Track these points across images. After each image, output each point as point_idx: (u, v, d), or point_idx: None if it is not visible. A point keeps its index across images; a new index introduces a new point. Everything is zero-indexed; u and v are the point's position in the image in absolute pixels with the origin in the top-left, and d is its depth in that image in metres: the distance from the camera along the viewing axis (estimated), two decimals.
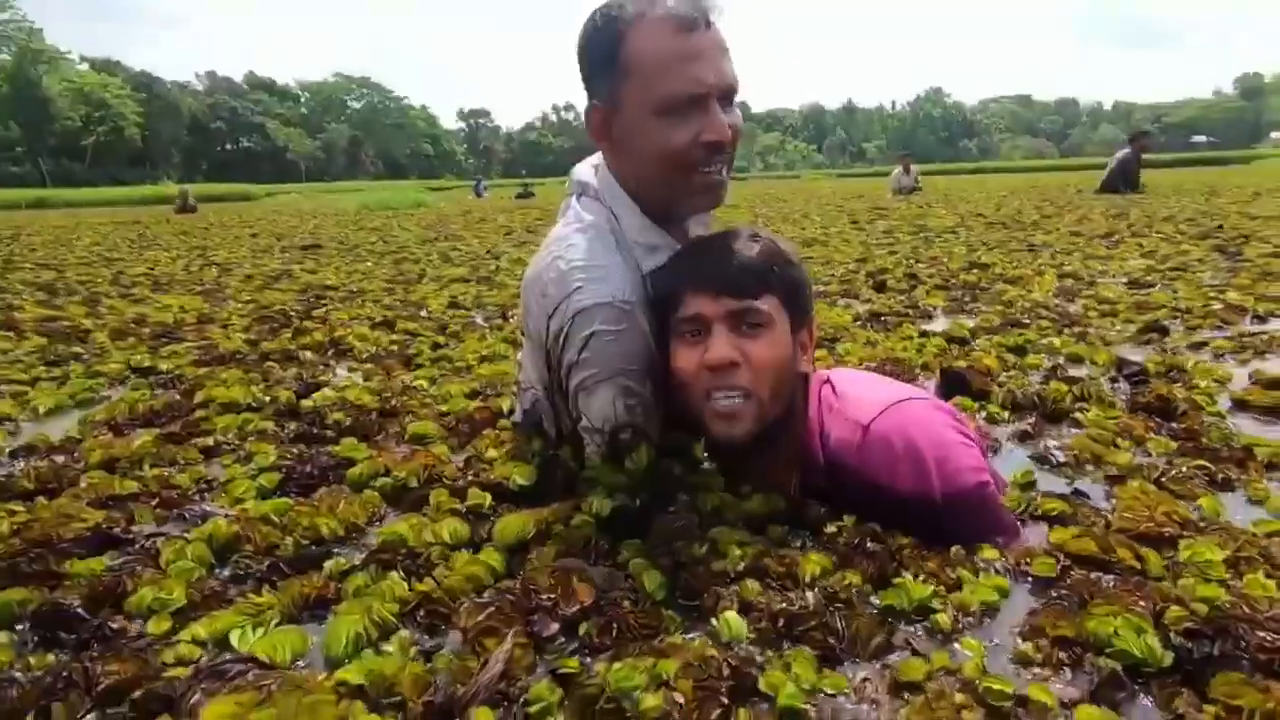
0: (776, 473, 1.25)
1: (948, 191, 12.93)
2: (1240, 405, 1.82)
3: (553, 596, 0.87)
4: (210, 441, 1.65)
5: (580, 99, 1.33)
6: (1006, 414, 1.79)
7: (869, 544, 1.05)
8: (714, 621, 0.89)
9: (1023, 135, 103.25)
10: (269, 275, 4.94)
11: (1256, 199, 8.72)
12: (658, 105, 1.18)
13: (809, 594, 0.91)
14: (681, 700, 0.71)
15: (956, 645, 0.88)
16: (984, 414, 1.80)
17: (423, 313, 3.41)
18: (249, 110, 70.46)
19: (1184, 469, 1.39)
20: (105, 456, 1.57)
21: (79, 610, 1.00)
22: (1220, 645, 0.86)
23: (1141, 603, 0.92)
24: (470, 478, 1.37)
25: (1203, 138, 71.23)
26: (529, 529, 1.08)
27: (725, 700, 0.72)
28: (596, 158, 1.43)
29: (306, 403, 1.94)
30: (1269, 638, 0.86)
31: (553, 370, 1.34)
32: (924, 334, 2.64)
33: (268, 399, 1.95)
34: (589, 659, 0.82)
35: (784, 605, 0.88)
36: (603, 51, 1.22)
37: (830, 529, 1.11)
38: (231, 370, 2.34)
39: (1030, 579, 1.04)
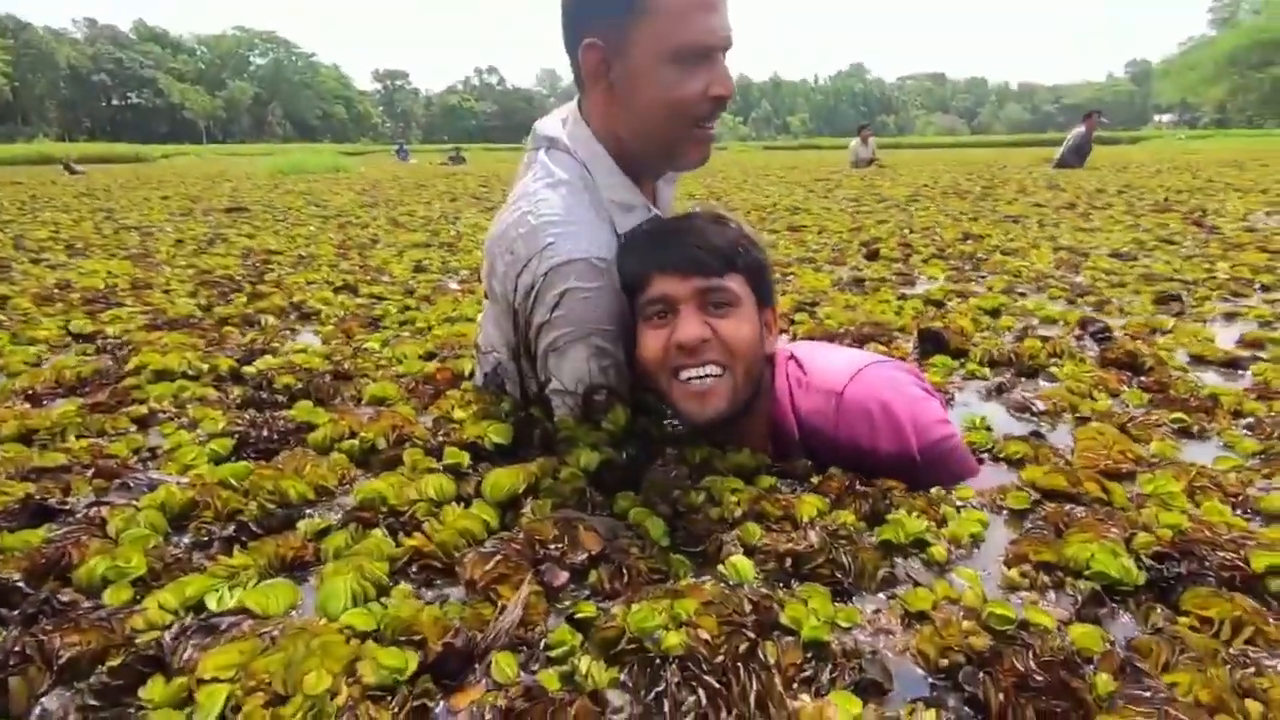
0: (750, 448, 1.25)
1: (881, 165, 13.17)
2: (1197, 360, 1.95)
3: (560, 546, 0.85)
4: (144, 410, 1.52)
5: (511, 64, 1.27)
6: (986, 370, 1.86)
7: (859, 486, 1.08)
8: (721, 567, 0.88)
9: (936, 112, 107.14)
10: (200, 239, 4.61)
11: (1158, 174, 9.35)
12: (674, 52, 1.13)
13: (810, 533, 0.91)
14: (707, 636, 0.71)
15: (953, 575, 0.91)
16: (964, 371, 1.86)
17: (385, 277, 3.29)
18: (137, 63, 64.74)
19: (1157, 418, 1.48)
20: (20, 429, 1.42)
21: (19, 584, 0.90)
22: (1187, 565, 0.92)
23: (1113, 530, 0.98)
24: (442, 438, 1.32)
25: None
26: (520, 484, 1.04)
27: (751, 635, 0.71)
28: (563, 111, 1.37)
29: (250, 368, 1.81)
30: (1229, 556, 0.93)
31: (520, 331, 1.28)
32: (902, 297, 2.70)
33: (206, 366, 1.81)
34: (604, 604, 0.80)
35: (790, 545, 0.88)
36: None
37: (815, 479, 1.13)
38: (185, 334, 2.19)
39: (1006, 511, 1.09)
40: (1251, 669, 0.74)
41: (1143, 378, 1.77)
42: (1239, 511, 1.10)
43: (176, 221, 5.76)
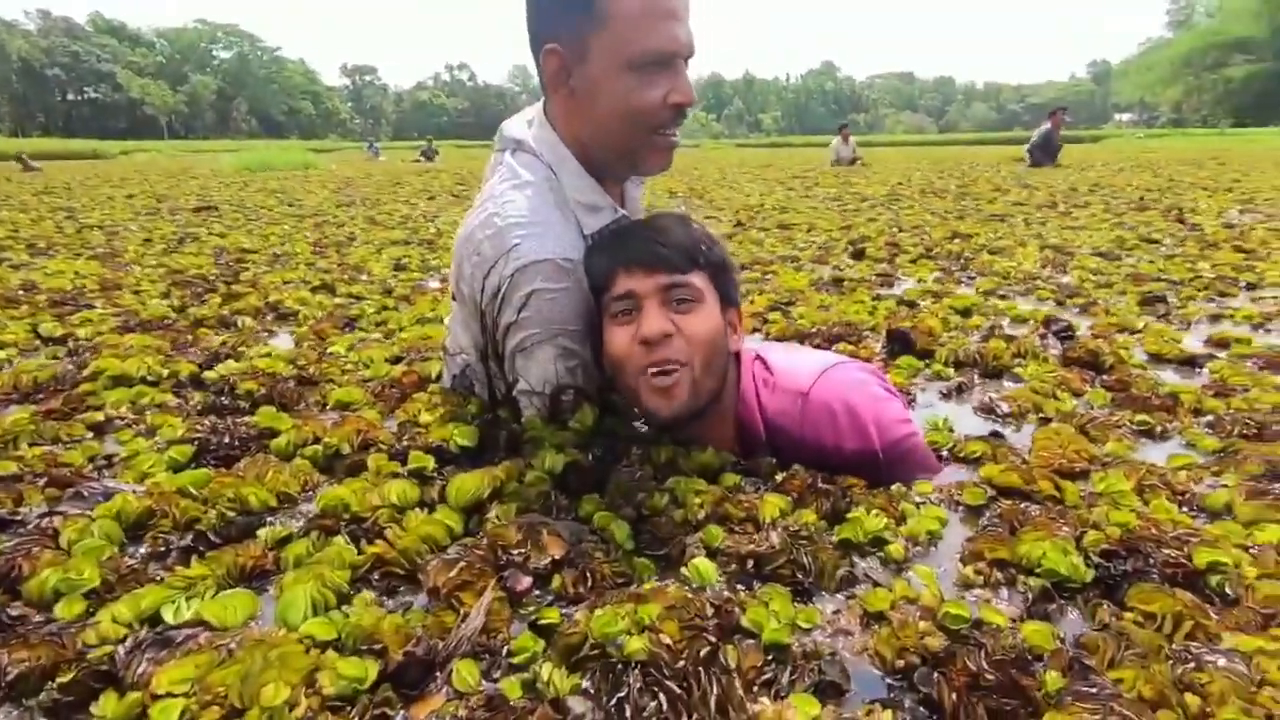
0: (716, 447, 1.27)
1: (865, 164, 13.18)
2: (1155, 358, 1.98)
3: (523, 551, 0.85)
4: (100, 417, 1.48)
5: (482, 60, 1.26)
6: (950, 371, 1.88)
7: (820, 484, 1.09)
8: (684, 570, 0.89)
9: (905, 110, 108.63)
10: (169, 238, 4.49)
11: (1121, 172, 9.58)
12: (632, 59, 1.14)
13: (772, 534, 0.93)
14: (669, 641, 0.71)
15: (910, 574, 0.93)
16: (929, 370, 1.89)
17: (363, 276, 3.25)
18: (94, 56, 62.81)
19: (1119, 418, 1.51)
20: None
21: None
22: (1133, 562, 0.95)
23: (1064, 528, 1.01)
24: (407, 442, 1.31)
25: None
26: (484, 488, 1.04)
27: (713, 639, 0.72)
28: (529, 112, 1.37)
29: (211, 374, 1.77)
30: (1172, 554, 0.96)
31: (487, 332, 1.28)
32: (876, 297, 2.72)
33: (166, 371, 1.77)
34: (568, 609, 0.80)
35: (751, 547, 0.89)
36: None
37: (779, 477, 1.15)
38: (158, 336, 2.15)
39: (963, 508, 1.12)
40: (1192, 664, 0.76)
41: (1104, 376, 1.81)
42: (1185, 509, 1.14)
43: (142, 220, 5.60)
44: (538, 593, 0.83)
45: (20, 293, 2.84)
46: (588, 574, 0.83)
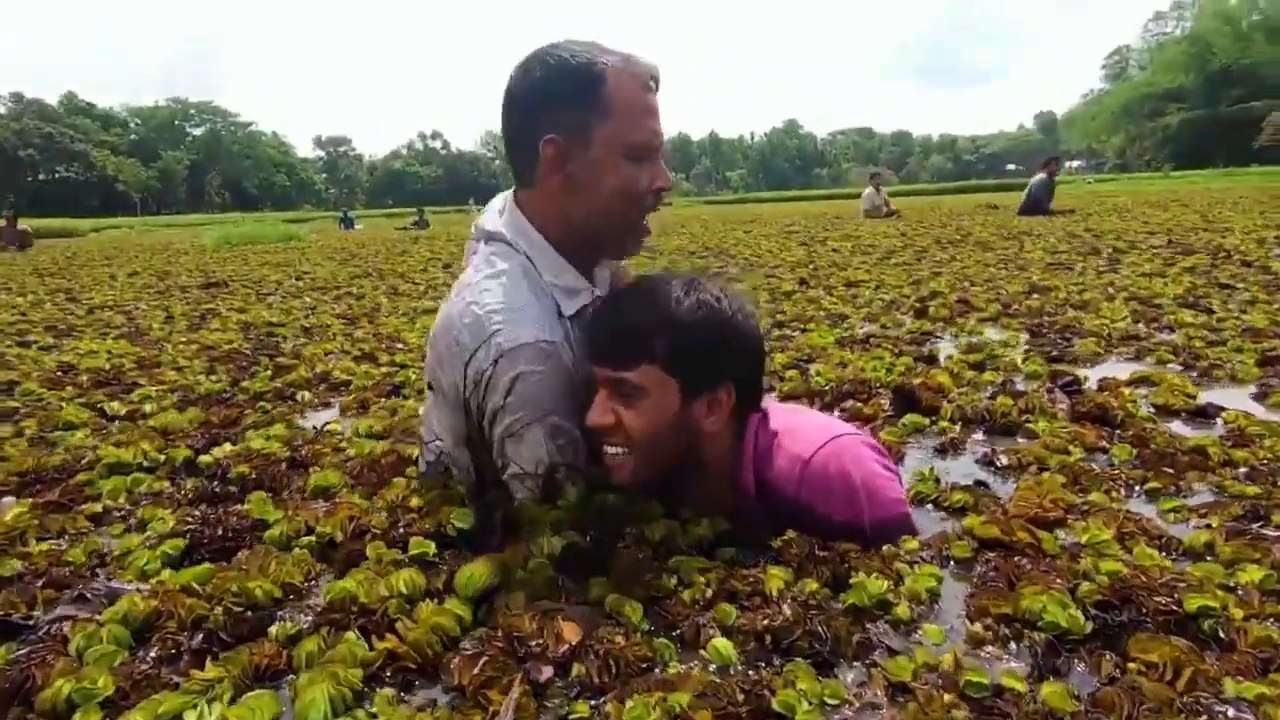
0: (706, 507, 1.29)
1: (823, 215, 13.08)
2: (1161, 410, 1.96)
3: (541, 641, 0.86)
4: (99, 508, 1.47)
5: (454, 128, 1.32)
6: (956, 428, 1.86)
7: (818, 551, 1.12)
8: (703, 651, 0.91)
9: (866, 165, 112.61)
10: (190, 315, 4.49)
11: (1091, 216, 9.88)
12: (628, 148, 1.25)
13: (784, 607, 0.95)
14: None
15: (921, 634, 0.95)
16: (936, 428, 1.87)
17: (399, 345, 3.29)
18: (67, 136, 63.21)
19: (1141, 475, 1.51)
20: None
21: None
22: (1128, 612, 0.99)
23: (1059, 580, 1.05)
24: (404, 528, 1.30)
25: (1013, 166, 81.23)
26: (493, 577, 1.05)
27: None
28: (499, 202, 1.41)
29: (206, 458, 1.77)
30: (1163, 601, 1.00)
31: (471, 419, 1.30)
32: (899, 354, 2.67)
33: (163, 457, 1.76)
34: (594, 700, 0.81)
35: (766, 622, 0.91)
36: (580, 88, 1.23)
37: (775, 543, 1.18)
38: (228, 410, 2.21)
39: (954, 563, 1.16)
40: (1204, 715, 0.79)
41: (1119, 430, 1.79)
42: (1165, 553, 1.19)
43: (149, 299, 5.52)
44: (559, 682, 0.84)
45: (60, 374, 2.85)
46: (609, 660, 0.84)
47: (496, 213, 1.39)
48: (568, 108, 1.25)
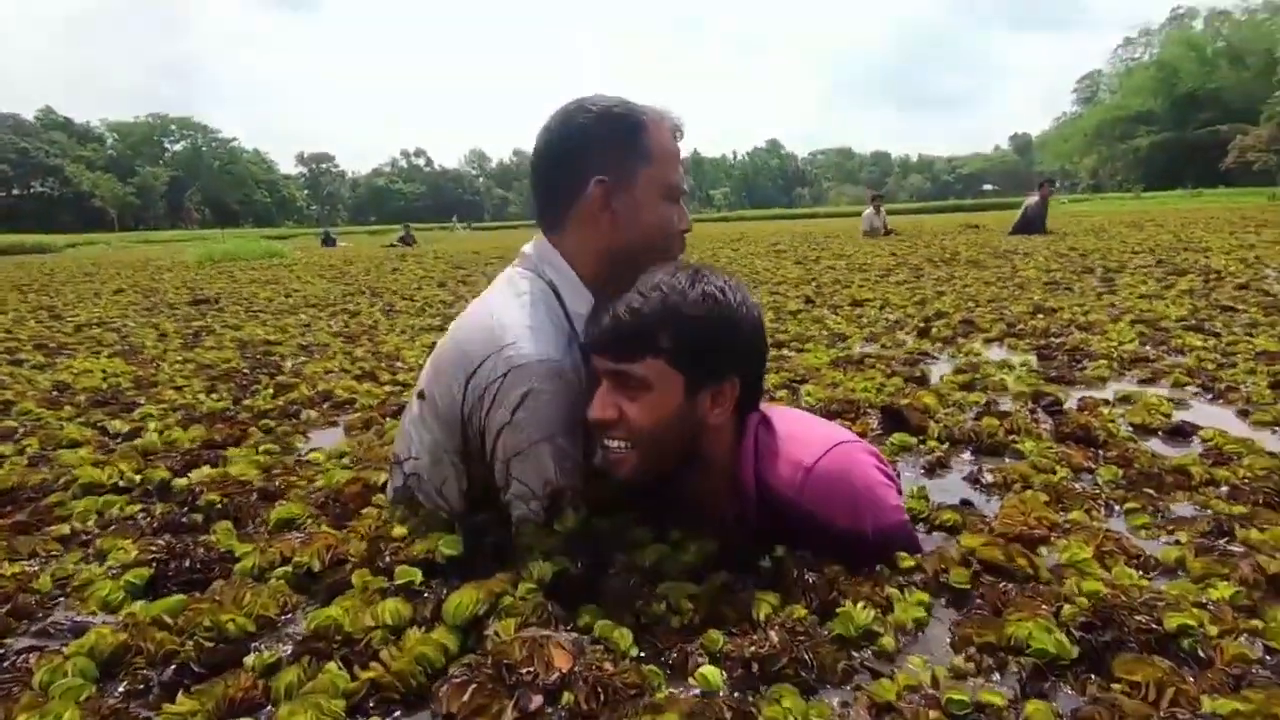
0: (706, 505, 1.29)
1: (809, 235, 13.13)
2: (1139, 429, 1.98)
3: (531, 669, 0.85)
4: (67, 530, 1.43)
5: (438, 145, 1.32)
6: (944, 448, 1.86)
7: (807, 575, 1.12)
8: (691, 679, 0.90)
9: (846, 184, 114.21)
10: (183, 333, 4.42)
11: (1071, 235, 10.06)
12: (665, 189, 1.36)
13: (771, 633, 0.94)
14: None
15: (904, 664, 0.95)
16: (924, 447, 1.88)
17: (398, 363, 3.27)
18: (43, 151, 62.44)
19: (1127, 495, 1.53)
20: None
21: None
22: (1111, 632, 0.99)
23: (1043, 605, 1.05)
24: (390, 557, 1.27)
25: (990, 186, 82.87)
26: (481, 604, 1.03)
27: None
28: (528, 246, 1.42)
29: (181, 481, 1.72)
30: (1144, 620, 1.01)
31: (470, 433, 1.29)
32: (891, 374, 2.68)
33: (139, 478, 1.72)
34: None
35: (754, 649, 0.91)
36: (624, 132, 1.33)
37: (765, 564, 1.17)
38: (230, 428, 2.19)
39: (946, 590, 1.16)
40: None
41: (1103, 450, 1.80)
42: (1141, 571, 1.20)
43: (138, 316, 5.41)
44: (549, 710, 0.83)
45: (56, 394, 2.78)
46: (599, 687, 0.83)
47: (533, 242, 1.42)
48: (613, 151, 1.32)
